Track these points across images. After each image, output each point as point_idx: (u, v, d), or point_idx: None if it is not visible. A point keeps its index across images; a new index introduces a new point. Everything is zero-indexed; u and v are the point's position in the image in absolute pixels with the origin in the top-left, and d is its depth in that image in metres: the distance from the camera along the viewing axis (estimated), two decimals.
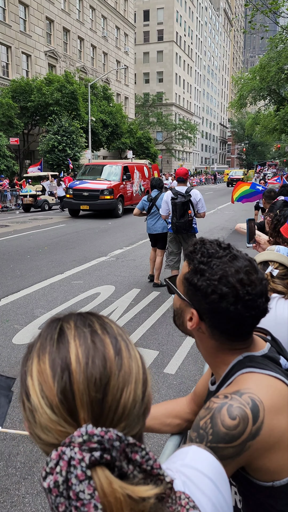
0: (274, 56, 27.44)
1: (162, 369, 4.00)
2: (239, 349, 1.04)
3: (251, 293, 0.97)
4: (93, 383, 0.53)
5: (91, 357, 0.54)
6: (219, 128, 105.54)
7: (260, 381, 0.97)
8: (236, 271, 0.98)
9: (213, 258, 1.01)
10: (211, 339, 1.04)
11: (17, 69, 29.21)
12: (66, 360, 0.54)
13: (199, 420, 0.95)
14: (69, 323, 0.59)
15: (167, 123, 57.21)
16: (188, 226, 5.89)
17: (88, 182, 16.86)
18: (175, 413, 1.35)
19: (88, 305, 5.79)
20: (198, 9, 77.68)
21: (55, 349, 0.55)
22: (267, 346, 1.08)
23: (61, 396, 0.52)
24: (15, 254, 9.34)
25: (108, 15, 42.90)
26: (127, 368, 0.56)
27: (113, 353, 0.56)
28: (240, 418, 0.90)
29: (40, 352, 0.56)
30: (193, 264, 1.03)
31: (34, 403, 0.53)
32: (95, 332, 0.57)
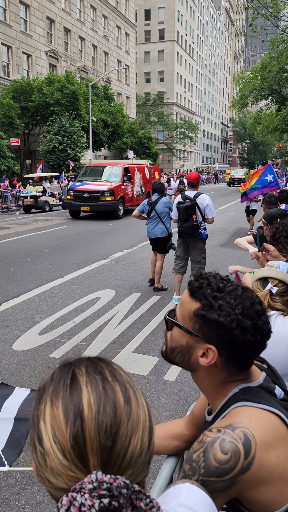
0: (275, 55, 27.44)
1: (162, 376, 4.01)
2: (239, 380, 1.05)
3: (266, 321, 1.02)
4: (104, 430, 0.54)
5: (103, 404, 0.56)
6: (220, 127, 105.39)
7: (253, 415, 0.98)
8: (251, 303, 1.01)
9: (225, 292, 1.02)
10: (222, 371, 1.04)
11: (17, 69, 29.21)
12: (79, 407, 0.55)
13: (193, 453, 0.97)
14: (80, 369, 0.61)
15: (168, 122, 57.17)
16: (192, 231, 5.83)
17: (89, 183, 16.86)
18: (173, 435, 1.37)
19: (88, 310, 5.80)
20: (199, 8, 77.52)
21: (68, 394, 0.57)
22: (263, 376, 1.09)
23: (73, 442, 0.54)
24: (16, 257, 9.35)
25: (109, 14, 42.86)
26: (135, 416, 0.58)
27: (123, 400, 0.58)
28: (232, 453, 0.91)
29: (54, 397, 0.58)
30: (206, 300, 1.02)
31: (46, 447, 0.55)
32: (106, 379, 0.59)
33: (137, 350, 4.56)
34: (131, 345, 4.68)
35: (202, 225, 5.92)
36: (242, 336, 0.98)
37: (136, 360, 4.33)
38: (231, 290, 1.02)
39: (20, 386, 3.79)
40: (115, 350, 4.54)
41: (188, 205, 5.77)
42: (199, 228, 5.88)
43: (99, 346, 4.65)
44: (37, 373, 4.04)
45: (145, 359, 4.34)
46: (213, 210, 5.93)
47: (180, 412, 3.44)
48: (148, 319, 5.51)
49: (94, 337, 4.89)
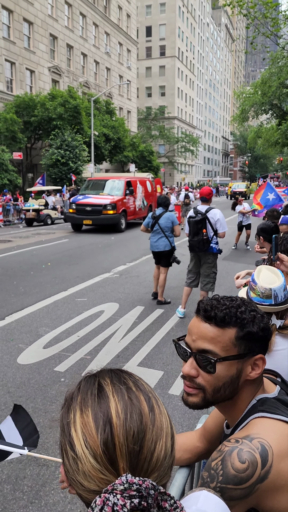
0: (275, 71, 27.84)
1: (167, 390, 4.02)
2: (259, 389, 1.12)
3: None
4: (132, 436, 0.58)
5: (129, 412, 0.60)
6: (221, 141, 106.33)
7: (270, 426, 1.01)
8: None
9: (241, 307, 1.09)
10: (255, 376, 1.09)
11: (21, 85, 29.66)
12: (108, 414, 0.60)
13: (211, 461, 1.00)
14: (105, 380, 0.66)
15: (170, 136, 57.74)
16: (202, 245, 5.86)
17: (91, 197, 16.99)
18: (185, 447, 1.39)
19: (92, 323, 5.81)
20: (199, 25, 78.91)
21: (96, 403, 0.62)
22: (277, 389, 1.13)
23: (103, 447, 0.58)
24: (19, 270, 9.39)
25: (111, 31, 43.66)
26: (159, 423, 0.62)
27: (147, 409, 0.62)
28: (249, 462, 0.94)
29: (83, 406, 0.63)
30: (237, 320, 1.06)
31: (78, 453, 0.59)
32: (131, 389, 0.64)
33: (141, 364, 4.57)
34: (135, 359, 4.69)
35: (213, 239, 5.94)
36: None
37: (140, 373, 4.31)
38: (240, 303, 1.10)
39: (26, 399, 3.81)
40: (120, 364, 4.55)
41: (198, 219, 5.82)
42: (210, 243, 5.90)
43: (104, 359, 4.66)
44: (42, 386, 4.05)
45: (149, 373, 4.34)
46: (224, 225, 5.94)
47: (186, 426, 3.44)
48: (152, 332, 5.52)
49: (98, 350, 4.90)
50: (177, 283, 8.12)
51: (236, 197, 11.65)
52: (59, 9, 33.94)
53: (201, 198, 6.12)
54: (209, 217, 5.85)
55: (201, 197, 6.14)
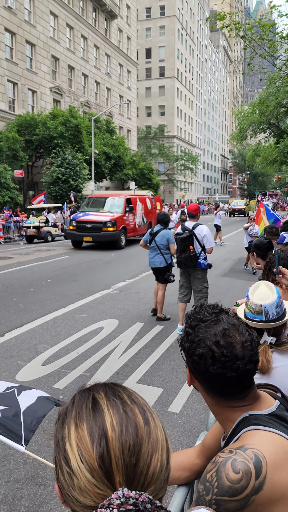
0: (273, 91, 28.33)
1: (167, 407, 3.97)
2: (239, 406, 1.09)
3: (227, 355, 1.04)
4: (128, 449, 0.58)
5: (125, 425, 0.60)
6: (220, 159, 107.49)
7: (264, 438, 1.01)
8: (214, 334, 1.06)
9: (200, 322, 1.10)
10: (207, 396, 1.12)
11: (23, 105, 30.15)
12: (103, 428, 0.59)
13: (206, 473, 1.00)
14: (99, 393, 0.65)
15: (169, 154, 58.40)
16: (189, 261, 5.87)
17: (91, 214, 17.09)
18: (184, 466, 1.37)
19: (91, 340, 5.78)
20: (198, 47, 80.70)
21: (91, 417, 0.61)
22: (276, 404, 1.11)
23: (99, 461, 0.57)
24: (19, 286, 9.39)
25: (112, 53, 44.62)
26: (154, 436, 0.62)
27: (142, 422, 0.62)
28: (243, 472, 0.94)
29: (78, 420, 0.62)
30: (185, 327, 1.14)
31: (74, 467, 0.58)
32: (125, 403, 0.64)
33: (141, 381, 4.53)
34: (134, 376, 4.65)
35: (201, 255, 5.95)
36: (199, 364, 1.06)
37: (140, 391, 4.28)
38: (205, 320, 1.10)
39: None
40: (119, 381, 4.49)
41: (185, 236, 5.85)
42: (198, 258, 5.90)
43: (103, 376, 4.62)
44: None
45: (149, 390, 4.31)
46: (211, 241, 5.97)
47: (185, 444, 3.39)
48: (151, 349, 5.49)
49: (97, 367, 4.87)
50: (176, 299, 8.10)
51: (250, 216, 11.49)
52: (61, 31, 34.77)
53: (188, 214, 6.16)
54: (196, 234, 5.87)
55: (188, 213, 6.17)
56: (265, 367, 1.67)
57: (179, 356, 5.21)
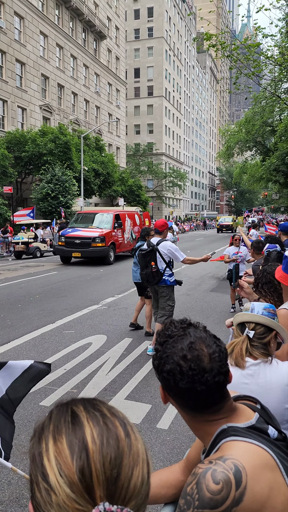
0: (258, 110, 29.03)
1: (155, 424, 3.92)
2: (215, 420, 1.08)
3: (194, 368, 1.03)
4: (109, 462, 0.56)
5: (106, 438, 0.58)
6: (208, 176, 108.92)
7: (243, 449, 1.00)
8: (181, 348, 1.06)
9: (168, 338, 1.10)
10: (182, 412, 1.12)
11: (12, 122, 30.32)
12: (83, 441, 0.57)
13: (187, 486, 0.98)
14: (78, 407, 0.63)
15: (158, 171, 59.00)
16: (151, 278, 5.60)
17: (80, 229, 17.09)
18: (170, 483, 1.35)
19: (79, 356, 5.72)
20: (185, 67, 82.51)
21: (71, 430, 0.59)
22: (255, 417, 1.10)
23: (79, 475, 0.54)
24: (6, 303, 9.28)
25: (101, 72, 45.34)
26: (135, 449, 0.60)
27: (123, 434, 0.60)
28: (223, 482, 0.93)
29: (56, 434, 0.59)
30: (155, 345, 1.14)
31: (52, 483, 0.55)
32: (105, 415, 0.62)
33: (129, 397, 4.47)
34: (123, 392, 4.59)
35: (166, 271, 5.66)
36: (168, 380, 1.06)
37: (128, 407, 4.24)
38: (172, 335, 1.10)
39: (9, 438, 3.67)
40: (107, 397, 4.45)
41: (146, 252, 5.63)
42: (162, 275, 5.61)
43: (91, 393, 4.55)
44: (26, 422, 3.93)
45: (137, 406, 4.25)
46: (177, 255, 5.65)
47: (174, 461, 3.34)
48: (140, 364, 5.44)
49: (85, 384, 4.80)
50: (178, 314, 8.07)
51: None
52: (51, 51, 35.29)
53: (155, 230, 5.96)
54: (159, 249, 5.64)
55: (154, 229, 5.97)
56: (239, 359, 1.66)
57: None
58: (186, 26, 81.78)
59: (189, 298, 9.80)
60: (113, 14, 48.26)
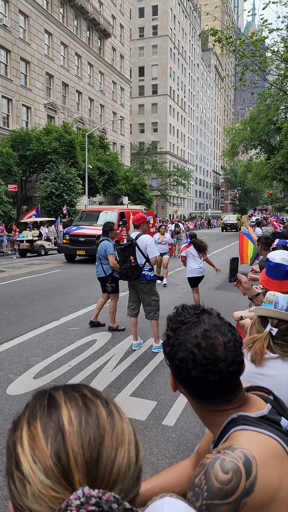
0: (263, 109, 28.88)
1: (161, 421, 3.89)
2: (226, 410, 1.04)
3: (208, 357, 0.99)
4: (87, 442, 0.51)
5: (84, 417, 0.53)
6: (212, 175, 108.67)
7: (252, 438, 0.97)
8: (195, 336, 1.01)
9: (181, 324, 1.05)
10: (192, 401, 1.08)
11: (17, 120, 30.35)
12: (59, 422, 0.52)
13: (194, 478, 0.95)
14: (57, 391, 0.58)
15: (162, 170, 58.91)
16: (130, 272, 5.55)
17: (85, 227, 17.08)
18: (183, 480, 1.31)
19: (84, 353, 5.69)
20: (190, 66, 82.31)
21: (46, 414, 0.54)
22: (268, 408, 1.07)
23: (55, 459, 0.49)
24: (11, 300, 9.27)
25: (105, 71, 45.30)
26: (119, 428, 0.55)
27: (105, 413, 0.55)
28: (233, 472, 0.89)
29: (31, 419, 0.54)
30: (166, 330, 1.09)
31: (26, 471, 0.50)
32: (85, 396, 0.57)
33: (134, 394, 4.44)
34: (128, 389, 4.56)
35: (146, 266, 5.62)
36: (180, 368, 1.02)
37: (133, 404, 4.21)
38: (186, 322, 1.05)
39: None
40: (112, 394, 4.42)
41: (124, 246, 5.58)
42: (141, 270, 5.56)
43: None
44: None
45: (142, 403, 4.22)
46: (154, 251, 5.62)
47: (180, 458, 3.30)
48: (145, 361, 5.41)
49: (90, 380, 4.78)
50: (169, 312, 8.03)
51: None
52: (55, 49, 35.29)
53: (132, 224, 6.00)
54: (138, 244, 5.60)
55: (132, 223, 5.99)
56: (258, 356, 1.61)
57: None
58: (190, 24, 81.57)
59: None
60: (117, 12, 48.20)
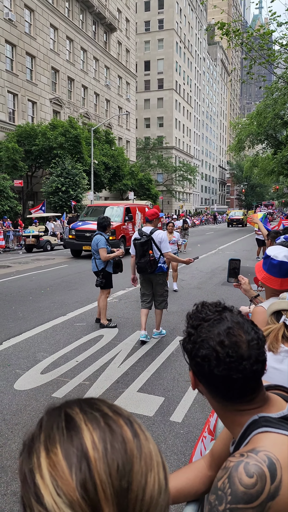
0: (270, 103, 28.63)
1: (168, 417, 3.88)
2: (247, 409, 1.03)
3: (232, 355, 0.97)
4: (116, 470, 0.46)
5: (109, 441, 0.48)
6: (218, 170, 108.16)
7: (276, 440, 0.95)
8: (218, 333, 0.99)
9: (203, 321, 1.04)
10: (213, 400, 1.06)
11: (23, 115, 30.34)
12: (82, 448, 0.47)
13: (217, 481, 0.93)
14: (73, 409, 0.52)
15: (168, 165, 58.71)
16: (150, 266, 5.81)
17: (91, 223, 17.06)
18: (199, 481, 1.30)
19: (91, 348, 5.69)
20: (196, 60, 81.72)
21: (66, 437, 0.48)
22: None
23: (81, 491, 0.44)
24: (17, 295, 9.30)
25: (111, 65, 45.10)
26: (147, 451, 0.50)
27: (131, 434, 0.50)
28: (257, 475, 0.87)
29: (49, 444, 0.48)
30: (186, 327, 1.07)
31: (49, 505, 0.44)
32: (106, 415, 0.52)
33: (142, 390, 4.43)
34: (135, 384, 4.55)
35: (161, 259, 5.94)
36: (203, 366, 1.00)
37: (141, 400, 4.20)
38: (208, 319, 1.03)
39: (22, 427, 3.66)
40: (119, 390, 4.42)
41: (143, 241, 5.80)
42: (158, 263, 5.88)
43: (103, 385, 4.53)
44: (39, 413, 3.91)
45: (150, 399, 4.21)
46: (167, 246, 5.89)
47: (188, 455, 3.29)
48: (152, 357, 5.40)
49: (97, 376, 4.77)
50: (177, 307, 8.03)
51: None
52: (61, 44, 35.16)
53: (145, 219, 6.13)
54: (154, 238, 5.85)
55: (145, 217, 6.14)
56: (274, 344, 1.64)
57: (180, 365, 5.12)
58: (197, 18, 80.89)
59: (200, 291, 9.73)
60: (123, 6, 47.89)
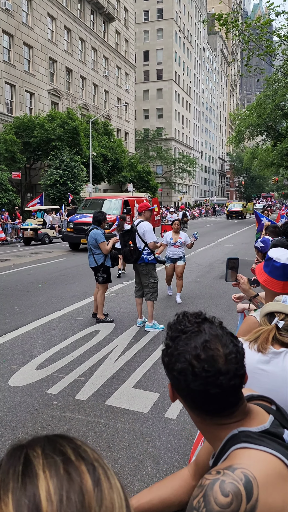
0: (270, 94, 28.40)
1: (163, 413, 3.87)
2: (226, 423, 1.00)
3: (208, 369, 0.94)
4: None
5: (66, 492, 0.44)
6: (217, 161, 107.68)
7: (254, 457, 0.92)
8: (194, 347, 0.97)
9: (181, 333, 1.01)
10: (192, 413, 1.03)
11: (20, 107, 30.08)
12: (35, 499, 0.43)
13: (193, 500, 0.90)
14: (35, 450, 0.48)
15: (167, 157, 58.42)
16: (129, 256, 6.17)
17: (89, 216, 16.98)
18: (182, 490, 1.28)
19: (87, 343, 5.68)
20: (196, 50, 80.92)
21: (20, 485, 0.44)
22: (270, 420, 1.02)
23: None
24: (14, 289, 9.28)
25: (110, 55, 44.65)
26: (108, 503, 0.46)
27: (91, 483, 0.46)
28: (233, 495, 0.85)
29: (1, 491, 0.44)
30: (165, 339, 1.05)
31: None
32: (68, 459, 0.47)
33: (137, 386, 4.43)
34: (130, 380, 4.55)
35: (145, 250, 6.18)
36: (179, 379, 0.98)
37: (136, 396, 4.19)
38: (186, 331, 1.00)
39: (16, 424, 3.66)
40: (114, 386, 4.41)
41: (124, 231, 6.30)
42: (140, 253, 6.16)
43: (98, 381, 4.52)
44: (33, 410, 3.90)
45: (145, 395, 4.20)
46: (151, 236, 6.15)
47: (182, 452, 3.29)
48: (148, 352, 5.39)
49: (92, 371, 4.77)
50: (173, 302, 8.01)
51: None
52: (59, 34, 34.76)
53: (137, 212, 6.49)
54: (138, 230, 6.17)
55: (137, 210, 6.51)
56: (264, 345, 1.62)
57: None
58: (196, 7, 79.93)
59: (198, 285, 9.71)
60: None
